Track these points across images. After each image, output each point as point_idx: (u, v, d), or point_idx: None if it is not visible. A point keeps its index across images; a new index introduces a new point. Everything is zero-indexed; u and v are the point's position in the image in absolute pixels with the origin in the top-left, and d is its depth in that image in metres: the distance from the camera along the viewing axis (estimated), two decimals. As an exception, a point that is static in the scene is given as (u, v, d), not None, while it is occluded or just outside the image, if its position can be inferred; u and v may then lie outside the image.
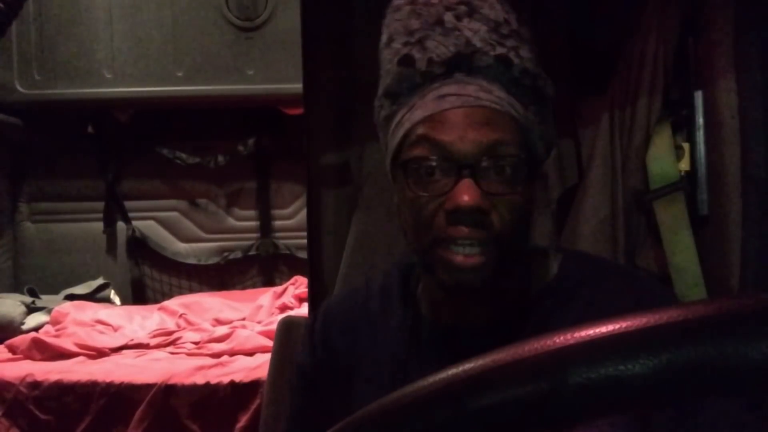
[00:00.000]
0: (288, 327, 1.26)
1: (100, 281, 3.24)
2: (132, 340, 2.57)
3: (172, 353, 2.48)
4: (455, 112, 0.70)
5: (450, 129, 0.70)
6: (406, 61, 0.73)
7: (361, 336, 0.85)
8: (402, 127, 0.73)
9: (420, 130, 0.71)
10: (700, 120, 1.09)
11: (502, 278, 0.73)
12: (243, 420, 2.14)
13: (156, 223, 3.48)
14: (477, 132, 0.69)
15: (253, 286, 3.41)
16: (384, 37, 0.77)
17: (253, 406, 2.13)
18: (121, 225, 3.44)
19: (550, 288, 0.77)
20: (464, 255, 0.69)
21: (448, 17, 0.71)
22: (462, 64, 0.71)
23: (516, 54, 0.71)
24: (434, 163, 0.70)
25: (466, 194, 0.67)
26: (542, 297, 0.77)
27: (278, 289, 3.06)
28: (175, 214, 3.48)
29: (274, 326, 1.33)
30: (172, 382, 2.18)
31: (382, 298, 0.86)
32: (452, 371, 0.30)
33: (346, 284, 1.20)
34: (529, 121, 0.72)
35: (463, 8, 0.72)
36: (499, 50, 0.71)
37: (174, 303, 2.97)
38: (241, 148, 3.33)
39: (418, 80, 0.72)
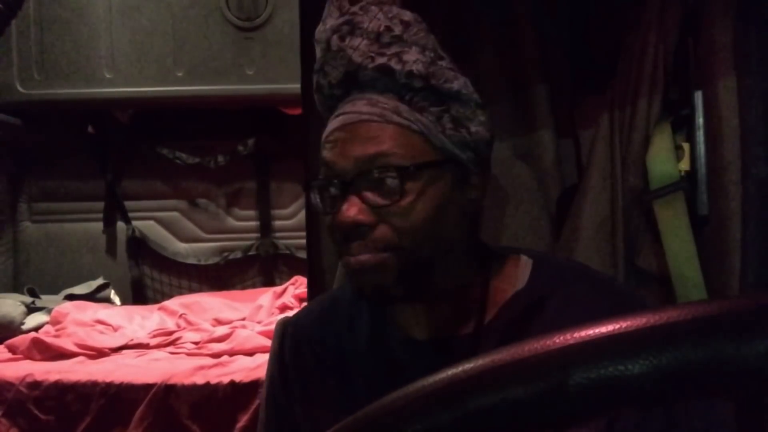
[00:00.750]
0: (287, 327, 1.25)
1: (100, 281, 3.24)
2: (132, 340, 2.57)
3: (172, 353, 2.48)
4: (341, 131, 0.73)
5: (334, 148, 0.73)
6: (317, 88, 0.78)
7: (331, 348, 0.84)
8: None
9: (322, 152, 0.75)
10: (700, 120, 1.09)
11: (443, 284, 0.74)
12: (243, 420, 2.14)
13: (156, 223, 3.48)
14: (356, 147, 0.71)
15: (253, 286, 3.41)
16: None
17: (253, 406, 2.13)
18: (121, 225, 3.44)
19: (520, 297, 0.77)
20: (355, 256, 0.71)
21: (334, 40, 0.75)
22: (352, 81, 0.74)
23: (398, 60, 0.72)
24: (325, 183, 0.74)
25: (346, 211, 0.70)
26: (511, 307, 0.76)
27: (278, 289, 3.06)
28: (175, 214, 3.49)
29: (274, 326, 1.33)
30: (172, 382, 2.18)
31: (351, 309, 0.85)
32: (452, 371, 0.30)
33: (343, 284, 1.20)
34: (426, 124, 0.72)
35: (345, 28, 0.74)
36: (379, 60, 0.72)
37: (174, 303, 2.97)
38: (241, 148, 3.33)
39: (329, 104, 0.77)
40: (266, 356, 1.28)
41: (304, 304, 2.78)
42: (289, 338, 0.88)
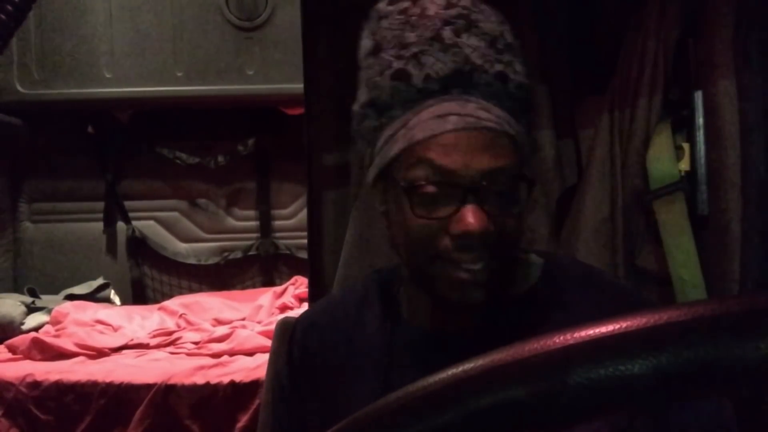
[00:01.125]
0: (286, 327, 1.25)
1: (100, 281, 3.24)
2: (132, 340, 2.57)
3: (172, 353, 2.48)
4: (458, 135, 0.68)
5: (453, 154, 0.68)
6: (401, 75, 0.70)
7: (340, 346, 0.84)
8: (396, 143, 0.71)
9: (420, 152, 0.69)
10: (700, 120, 1.09)
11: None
12: (243, 420, 2.14)
13: (156, 223, 3.48)
14: (480, 157, 0.68)
15: (253, 286, 3.41)
16: (368, 44, 0.75)
17: (253, 406, 2.13)
18: (121, 225, 3.44)
19: (529, 295, 0.78)
20: (470, 273, 0.69)
21: (447, 32, 0.69)
22: (460, 81, 0.69)
23: (512, 69, 0.71)
24: (437, 188, 0.69)
25: (475, 219, 0.67)
26: (521, 304, 0.77)
27: (278, 289, 3.06)
28: (175, 214, 3.48)
29: (274, 326, 1.33)
30: (172, 382, 2.18)
31: (360, 307, 0.85)
32: (452, 371, 0.30)
33: (344, 284, 1.20)
34: (521, 134, 0.72)
35: (461, 22, 0.70)
36: (497, 67, 0.70)
37: (174, 303, 2.97)
38: (241, 148, 3.33)
39: (413, 96, 0.70)
40: (266, 356, 1.28)
41: (305, 304, 2.78)
42: (297, 337, 0.88)
